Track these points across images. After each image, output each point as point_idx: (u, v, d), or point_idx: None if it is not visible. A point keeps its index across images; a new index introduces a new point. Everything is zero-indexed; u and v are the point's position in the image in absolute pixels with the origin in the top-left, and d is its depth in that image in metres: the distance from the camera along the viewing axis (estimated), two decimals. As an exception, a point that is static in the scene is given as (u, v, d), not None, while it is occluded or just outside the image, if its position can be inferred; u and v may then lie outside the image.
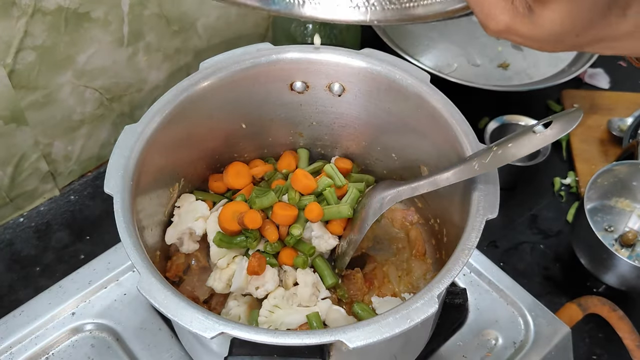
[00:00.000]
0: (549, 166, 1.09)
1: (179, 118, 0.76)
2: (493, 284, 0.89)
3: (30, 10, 0.84)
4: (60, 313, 0.84)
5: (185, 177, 0.83)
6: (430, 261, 0.85)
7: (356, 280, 0.80)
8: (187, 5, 1.02)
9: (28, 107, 0.92)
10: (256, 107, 0.84)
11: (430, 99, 0.76)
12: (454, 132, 0.73)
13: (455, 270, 0.61)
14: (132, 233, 0.64)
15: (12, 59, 0.86)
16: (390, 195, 0.74)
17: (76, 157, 1.04)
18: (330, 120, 0.87)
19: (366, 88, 0.81)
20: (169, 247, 0.80)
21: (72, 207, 1.04)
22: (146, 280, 0.60)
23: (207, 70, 0.78)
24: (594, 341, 0.93)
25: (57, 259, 0.98)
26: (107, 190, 0.67)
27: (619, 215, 1.03)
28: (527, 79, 1.25)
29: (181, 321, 0.57)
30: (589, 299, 0.93)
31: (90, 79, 0.97)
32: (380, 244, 0.88)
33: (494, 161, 0.65)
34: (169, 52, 1.05)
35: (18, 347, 0.82)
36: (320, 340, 0.56)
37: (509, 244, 1.03)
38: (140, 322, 0.84)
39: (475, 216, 0.65)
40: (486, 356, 0.83)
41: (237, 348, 0.58)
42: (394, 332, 0.57)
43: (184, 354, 0.80)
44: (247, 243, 0.77)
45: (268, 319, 0.72)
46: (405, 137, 0.83)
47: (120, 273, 0.88)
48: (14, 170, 0.96)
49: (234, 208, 0.77)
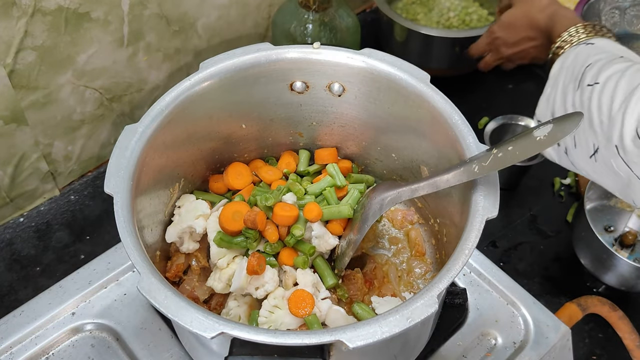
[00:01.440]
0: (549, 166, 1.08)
1: (179, 118, 0.76)
2: (493, 284, 0.89)
3: (31, 10, 0.84)
4: (60, 313, 0.84)
5: (185, 177, 0.83)
6: (430, 261, 0.85)
7: (356, 280, 0.80)
8: (187, 5, 1.02)
9: (28, 107, 0.92)
10: (256, 107, 0.84)
11: (430, 99, 0.76)
12: (453, 132, 0.73)
13: (455, 270, 0.61)
14: (132, 233, 0.64)
15: (12, 59, 0.86)
16: (390, 197, 0.74)
17: (76, 157, 1.04)
18: (330, 120, 0.87)
19: (366, 88, 0.81)
20: (169, 247, 0.80)
21: (72, 207, 1.04)
22: (146, 280, 0.60)
23: (207, 70, 0.78)
24: (593, 341, 0.93)
25: (57, 259, 0.98)
26: (107, 190, 0.67)
27: (619, 215, 1.03)
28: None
29: (181, 321, 0.57)
30: (589, 299, 0.93)
31: (91, 79, 0.97)
32: (380, 244, 0.88)
33: (494, 164, 0.65)
34: (169, 52, 1.05)
35: (18, 347, 0.82)
36: (320, 340, 0.56)
37: (509, 244, 1.03)
38: (140, 322, 0.84)
39: (475, 216, 0.66)
40: (486, 356, 0.83)
41: (238, 348, 0.58)
42: (394, 332, 0.57)
43: (184, 354, 0.80)
44: (247, 243, 0.77)
45: (268, 319, 0.72)
46: (405, 137, 0.83)
47: (120, 273, 0.88)
48: (14, 170, 0.96)
49: (235, 208, 0.77)
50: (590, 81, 0.75)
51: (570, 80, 0.79)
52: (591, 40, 0.81)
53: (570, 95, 0.78)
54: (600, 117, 0.72)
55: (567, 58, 0.82)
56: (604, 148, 0.73)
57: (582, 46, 0.81)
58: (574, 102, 0.77)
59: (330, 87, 0.83)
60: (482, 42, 1.07)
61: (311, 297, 0.72)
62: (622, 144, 0.70)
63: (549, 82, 0.83)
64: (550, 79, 0.83)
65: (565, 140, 0.80)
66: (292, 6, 1.05)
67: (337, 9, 1.05)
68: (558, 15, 0.90)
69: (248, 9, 1.12)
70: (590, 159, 0.76)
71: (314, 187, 0.83)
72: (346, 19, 1.06)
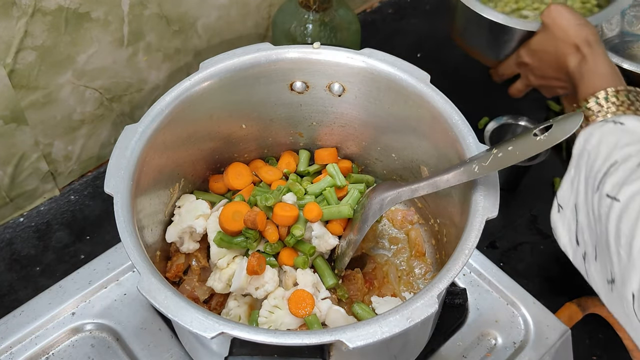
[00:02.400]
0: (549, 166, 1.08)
1: (179, 118, 0.76)
2: (493, 284, 0.89)
3: (31, 10, 0.84)
4: (61, 313, 0.84)
5: (185, 177, 0.83)
6: (430, 261, 0.85)
7: (356, 281, 0.80)
8: (187, 5, 1.02)
9: (28, 107, 0.92)
10: (256, 107, 0.84)
11: (430, 99, 0.76)
12: (453, 132, 0.73)
13: (455, 271, 0.61)
14: (132, 233, 0.64)
15: (12, 59, 0.86)
16: (390, 197, 0.74)
17: (76, 157, 1.04)
18: (330, 120, 0.87)
19: (366, 88, 0.81)
20: (169, 247, 0.81)
21: (72, 207, 1.04)
22: (146, 280, 0.60)
23: (207, 70, 0.78)
24: (593, 341, 0.93)
25: (57, 259, 0.98)
26: (107, 190, 0.67)
27: (619, 215, 1.02)
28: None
29: (181, 321, 0.57)
30: (589, 299, 0.93)
31: (91, 79, 0.97)
32: (380, 244, 0.88)
33: (494, 164, 0.65)
34: (169, 52, 1.05)
35: (18, 347, 0.82)
36: (320, 340, 0.56)
37: (509, 244, 1.03)
38: (140, 322, 0.84)
39: (475, 216, 0.66)
40: (486, 356, 0.83)
41: (238, 348, 0.58)
42: (394, 332, 0.57)
43: (184, 354, 0.80)
44: (247, 243, 0.77)
45: (268, 319, 0.72)
46: (405, 137, 0.83)
47: (120, 273, 0.88)
48: (14, 170, 0.96)
49: (235, 208, 0.77)
50: (610, 191, 0.64)
51: (590, 174, 0.68)
52: (621, 119, 0.69)
53: (589, 195, 0.68)
54: (617, 248, 0.62)
55: (591, 139, 0.70)
56: (620, 285, 0.62)
57: (609, 125, 0.69)
58: (593, 206, 0.67)
59: (330, 87, 0.83)
60: (510, 63, 0.97)
61: (311, 297, 0.72)
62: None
63: (572, 162, 0.73)
64: (573, 159, 0.72)
65: (585, 241, 0.69)
66: (292, 6, 1.05)
67: (337, 9, 1.05)
68: (588, 67, 0.78)
69: (248, 9, 1.12)
70: (608, 285, 0.65)
71: (314, 187, 0.83)
72: (346, 19, 1.06)
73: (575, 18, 0.84)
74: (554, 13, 0.86)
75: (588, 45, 0.80)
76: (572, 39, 0.82)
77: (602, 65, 0.77)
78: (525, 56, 0.92)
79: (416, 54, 1.31)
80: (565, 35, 0.83)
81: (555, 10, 0.86)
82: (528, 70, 0.93)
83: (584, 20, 0.84)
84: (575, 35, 0.82)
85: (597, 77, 0.76)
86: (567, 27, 0.83)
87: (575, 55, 0.81)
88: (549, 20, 0.86)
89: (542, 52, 0.88)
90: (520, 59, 0.93)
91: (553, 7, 0.86)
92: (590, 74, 0.77)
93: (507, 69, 0.98)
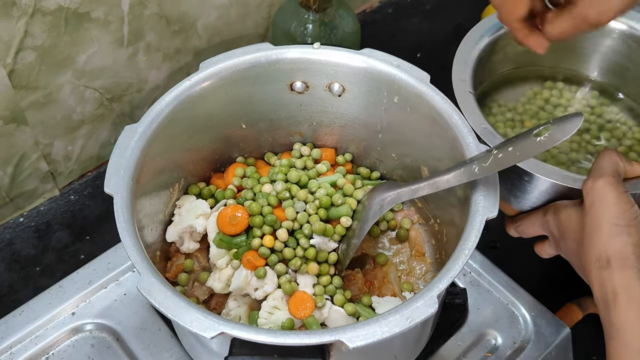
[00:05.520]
0: (549, 166, 1.08)
1: (179, 118, 0.76)
2: (493, 284, 0.89)
3: (30, 10, 0.84)
4: (60, 313, 0.84)
5: (185, 177, 0.83)
6: (430, 261, 0.85)
7: (356, 280, 0.80)
8: (187, 5, 1.02)
9: (28, 107, 0.92)
10: (256, 107, 0.84)
11: (430, 99, 0.76)
12: (454, 132, 0.73)
13: (455, 271, 0.61)
14: (132, 233, 0.64)
15: (12, 59, 0.86)
16: (390, 197, 0.74)
17: (76, 157, 1.04)
18: (330, 120, 0.87)
19: (366, 88, 0.81)
20: (169, 248, 0.81)
21: (72, 207, 1.04)
22: (146, 280, 0.60)
23: (207, 70, 0.78)
24: (593, 341, 0.93)
25: (57, 259, 0.98)
26: (107, 190, 0.67)
27: (619, 215, 1.02)
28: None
29: (181, 321, 0.57)
30: (589, 299, 0.93)
31: (90, 79, 0.97)
32: (380, 244, 0.88)
33: (494, 165, 0.65)
34: (169, 52, 1.05)
35: (18, 347, 0.82)
36: (320, 340, 0.56)
37: (509, 244, 1.03)
38: (140, 322, 0.84)
39: (475, 216, 0.66)
40: (486, 356, 0.83)
41: (238, 348, 0.58)
42: (394, 332, 0.57)
43: (184, 354, 0.80)
44: (247, 243, 0.77)
45: (268, 320, 0.72)
46: (405, 137, 0.83)
47: (120, 273, 0.88)
48: (14, 170, 0.96)
49: (230, 213, 0.77)
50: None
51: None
52: None
53: None
54: None
55: None
56: None
57: None
58: None
59: (330, 87, 0.83)
60: (535, 223, 0.77)
61: (311, 298, 0.72)
62: None
63: None
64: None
65: None
66: (292, 6, 1.05)
67: (337, 9, 1.05)
68: (617, 314, 0.60)
69: (248, 9, 1.12)
70: None
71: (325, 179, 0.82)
72: (346, 19, 1.06)
73: (618, 213, 0.62)
74: (597, 192, 0.64)
75: (622, 268, 0.60)
76: (603, 246, 0.62)
77: (629, 321, 0.58)
78: (550, 223, 0.73)
79: (416, 54, 1.31)
80: (597, 233, 0.63)
81: (602, 189, 0.63)
82: (551, 237, 0.76)
83: (631, 217, 0.62)
84: (608, 245, 0.61)
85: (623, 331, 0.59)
86: (601, 222, 0.62)
87: (604, 270, 0.61)
88: (589, 200, 0.65)
89: (566, 231, 0.70)
90: (547, 225, 0.74)
91: (600, 182, 0.64)
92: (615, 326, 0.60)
93: (531, 228, 0.78)
